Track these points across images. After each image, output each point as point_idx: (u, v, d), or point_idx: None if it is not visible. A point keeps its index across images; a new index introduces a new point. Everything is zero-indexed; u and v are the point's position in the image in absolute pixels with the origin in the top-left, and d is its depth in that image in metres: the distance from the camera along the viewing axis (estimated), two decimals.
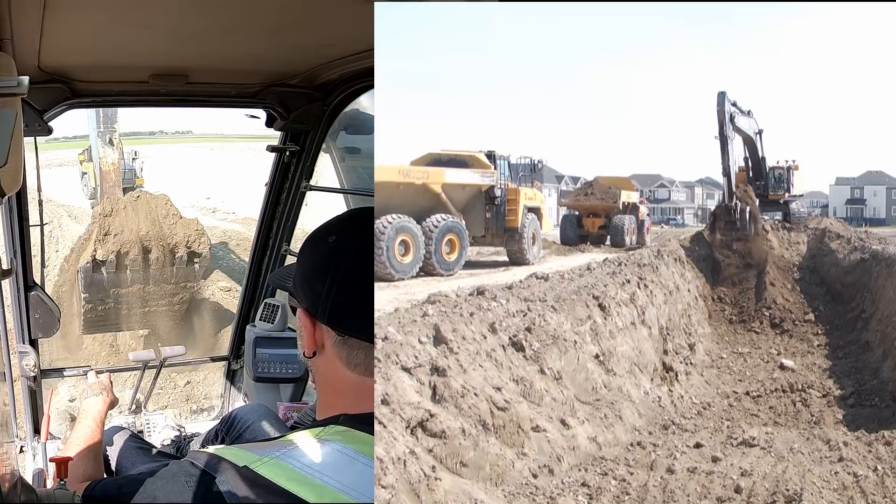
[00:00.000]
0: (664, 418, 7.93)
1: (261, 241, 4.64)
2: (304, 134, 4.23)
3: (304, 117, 4.08)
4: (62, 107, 3.63)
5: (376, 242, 12.79)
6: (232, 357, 4.94)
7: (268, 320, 4.55)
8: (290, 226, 4.59)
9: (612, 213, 22.30)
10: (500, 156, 17.44)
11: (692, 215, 66.45)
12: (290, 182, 4.41)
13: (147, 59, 3.30)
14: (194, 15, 2.67)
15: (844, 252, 14.65)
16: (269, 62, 3.50)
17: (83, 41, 2.97)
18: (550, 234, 22.35)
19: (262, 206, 4.62)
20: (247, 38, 2.99)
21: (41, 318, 4.11)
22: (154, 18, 2.66)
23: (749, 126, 18.88)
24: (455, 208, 15.57)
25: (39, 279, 4.26)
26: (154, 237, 12.65)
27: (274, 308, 4.55)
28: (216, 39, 3.02)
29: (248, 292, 4.79)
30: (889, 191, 65.70)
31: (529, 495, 5.07)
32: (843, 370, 10.79)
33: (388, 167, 14.85)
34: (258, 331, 4.53)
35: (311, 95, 3.97)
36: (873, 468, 5.93)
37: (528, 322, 6.82)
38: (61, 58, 3.21)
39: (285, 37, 3.00)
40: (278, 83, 3.85)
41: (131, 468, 2.93)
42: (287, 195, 4.46)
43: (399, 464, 4.12)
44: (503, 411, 5.48)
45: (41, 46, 2.88)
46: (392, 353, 5.05)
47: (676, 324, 11.27)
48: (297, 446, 1.63)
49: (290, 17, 2.70)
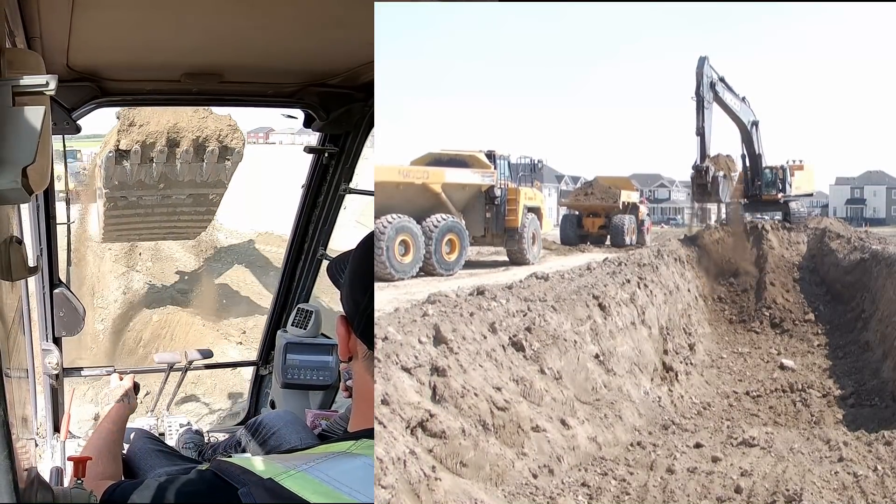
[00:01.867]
0: (664, 418, 7.93)
1: (296, 245, 4.55)
2: (343, 135, 4.15)
3: (344, 118, 3.98)
4: (91, 105, 3.60)
5: (376, 242, 12.79)
6: (261, 362, 4.86)
7: (300, 326, 4.46)
8: (328, 230, 4.50)
9: (612, 213, 22.29)
10: (500, 156, 17.43)
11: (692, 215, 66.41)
12: (328, 184, 4.32)
13: (179, 57, 3.24)
14: (228, 12, 2.61)
15: (844, 252, 14.65)
16: (308, 61, 3.42)
17: (112, 39, 2.93)
18: (550, 233, 22.34)
19: (298, 209, 4.52)
20: (284, 36, 2.91)
21: (65, 316, 4.11)
22: (186, 16, 2.61)
23: (740, 108, 19.11)
24: (455, 208, 15.56)
25: (65, 277, 4.25)
26: (183, 129, 11.79)
27: (307, 313, 4.46)
28: (252, 37, 2.94)
29: (281, 297, 4.70)
30: (889, 191, 65.67)
31: (529, 495, 5.07)
32: (843, 370, 10.79)
33: (388, 167, 14.84)
34: (289, 336, 4.45)
35: (352, 96, 3.87)
36: (873, 468, 5.93)
37: (528, 322, 6.82)
38: (90, 56, 3.18)
39: (325, 35, 2.92)
40: (317, 83, 3.75)
41: (149, 471, 2.91)
42: (325, 198, 4.37)
43: (399, 464, 4.12)
44: (503, 411, 5.48)
45: (70, 45, 2.85)
46: (392, 353, 5.04)
47: (676, 324, 11.27)
48: (326, 459, 1.58)
49: (329, 14, 2.64)
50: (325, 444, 1.70)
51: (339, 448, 1.61)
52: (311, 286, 4.67)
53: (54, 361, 4.11)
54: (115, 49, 3.09)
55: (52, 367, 4.12)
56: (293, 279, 4.65)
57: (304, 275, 4.61)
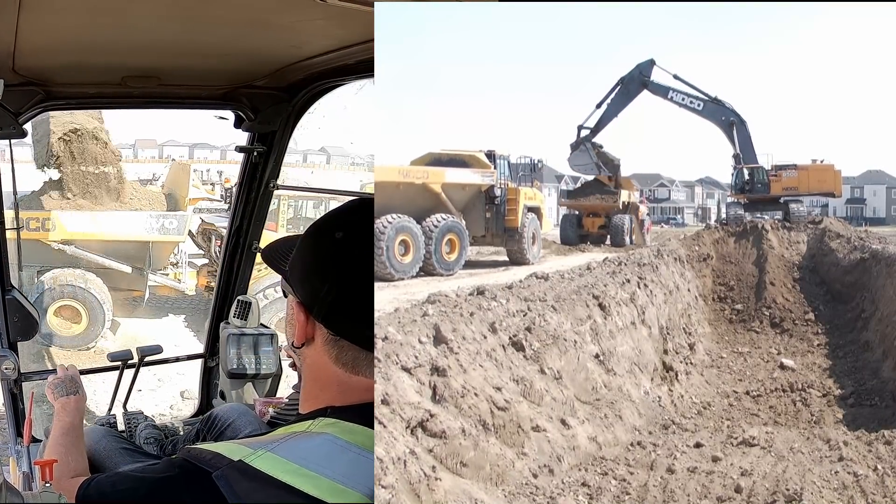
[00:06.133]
0: (664, 418, 7.94)
1: (231, 240, 4.70)
2: (270, 134, 4.28)
3: (271, 118, 4.13)
4: (37, 109, 3.63)
5: (376, 242, 12.79)
6: (207, 354, 4.98)
7: (241, 317, 4.61)
8: (260, 224, 4.67)
9: (612, 213, 22.29)
10: (500, 155, 17.44)
11: (692, 215, 66.45)
12: (258, 182, 4.47)
13: (121, 60, 3.32)
14: (165, 16, 2.68)
15: (844, 252, 14.65)
16: (237, 63, 3.54)
17: (58, 43, 2.97)
18: (550, 233, 22.35)
19: (232, 206, 4.71)
20: (214, 39, 3.00)
21: (20, 321, 4.10)
22: (127, 19, 2.67)
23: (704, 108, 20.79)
24: (455, 208, 15.57)
25: (17, 282, 4.26)
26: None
27: (246, 305, 4.61)
28: (186, 41, 3.03)
29: (221, 290, 4.83)
30: (889, 190, 65.71)
31: (529, 495, 5.07)
32: (843, 370, 10.80)
33: (388, 167, 14.87)
34: (231, 328, 4.60)
35: (278, 96, 4.01)
36: (873, 468, 5.93)
37: (528, 322, 6.82)
38: (36, 60, 3.21)
39: (251, 38, 3.03)
40: (245, 85, 3.89)
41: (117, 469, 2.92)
42: (255, 194, 4.52)
43: (399, 464, 4.12)
44: (503, 411, 5.48)
45: (16, 48, 2.88)
46: (392, 353, 5.05)
47: (676, 323, 11.28)
48: (288, 440, 1.62)
49: (255, 18, 2.72)
50: (282, 428, 1.73)
51: (297, 429, 1.65)
52: (248, 279, 4.85)
53: (12, 366, 4.10)
54: (60, 52, 3.13)
55: (10, 372, 4.10)
56: (231, 273, 4.78)
57: (241, 268, 4.75)
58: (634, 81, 21.33)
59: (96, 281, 14.37)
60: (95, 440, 3.20)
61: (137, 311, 16.01)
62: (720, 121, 20.77)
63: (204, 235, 15.74)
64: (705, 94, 21.00)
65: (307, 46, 3.23)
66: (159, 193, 17.22)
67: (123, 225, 15.10)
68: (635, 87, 21.40)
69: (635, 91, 21.44)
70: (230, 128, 4.31)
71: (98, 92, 3.81)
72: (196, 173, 18.21)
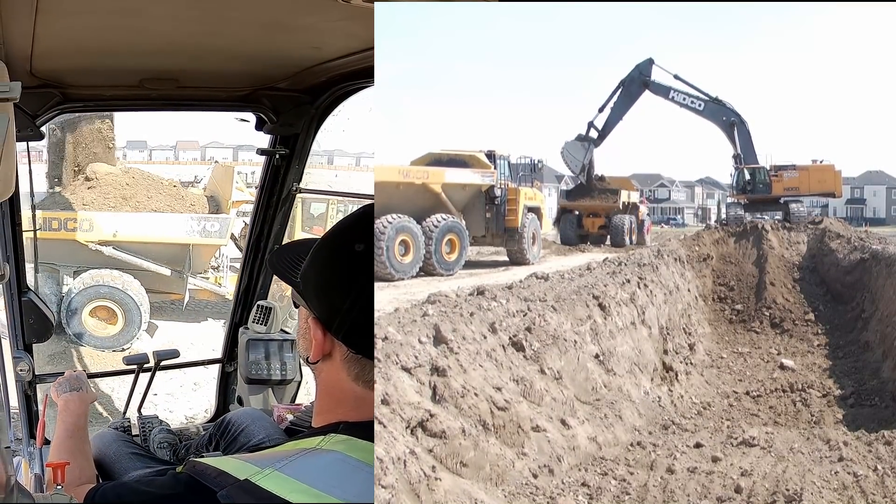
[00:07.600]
0: (664, 418, 7.93)
1: (252, 244, 4.64)
2: (293, 137, 4.23)
3: (293, 120, 4.08)
4: (54, 112, 3.62)
5: (376, 242, 12.80)
6: (225, 359, 4.94)
7: (260, 322, 4.55)
8: (282, 228, 4.61)
9: (612, 213, 22.30)
10: (500, 156, 17.45)
11: (692, 215, 66.41)
12: (280, 185, 4.42)
13: (138, 63, 3.30)
14: (183, 18, 2.66)
15: (844, 252, 14.65)
16: (258, 66, 3.50)
17: (75, 45, 2.96)
18: (550, 233, 22.35)
19: (254, 209, 4.64)
20: (234, 41, 2.97)
21: (35, 323, 4.11)
22: (144, 21, 2.65)
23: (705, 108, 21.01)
24: (455, 208, 15.57)
25: (33, 284, 4.26)
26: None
27: (266, 310, 4.55)
28: (205, 43, 3.00)
29: (241, 294, 4.78)
30: (889, 191, 65.66)
31: (529, 495, 5.07)
32: (843, 370, 10.80)
33: (388, 167, 14.86)
34: (251, 333, 4.54)
35: (300, 98, 3.96)
36: (873, 468, 5.92)
37: (528, 322, 6.81)
38: (53, 62, 3.20)
39: (272, 40, 2.99)
40: (267, 87, 3.83)
41: (125, 475, 2.91)
42: (278, 198, 4.46)
43: (399, 464, 4.12)
44: (503, 411, 5.48)
45: (33, 51, 2.87)
46: (392, 353, 5.05)
47: (676, 324, 11.28)
48: (297, 457, 1.58)
49: (276, 20, 2.70)
50: (293, 441, 1.69)
51: (307, 445, 1.60)
52: (269, 284, 4.79)
53: (26, 368, 4.11)
54: (77, 55, 3.11)
55: (25, 373, 4.11)
56: (251, 277, 4.73)
57: (262, 273, 4.70)
58: (635, 82, 21.34)
59: (133, 283, 14.25)
60: (105, 444, 3.18)
61: (176, 314, 15.89)
62: (721, 121, 20.76)
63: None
64: (706, 95, 20.98)
65: (329, 48, 3.17)
66: (201, 195, 17.01)
67: (163, 227, 14.89)
68: (637, 88, 21.39)
69: (637, 92, 21.41)
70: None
71: (115, 94, 3.78)
72: (240, 175, 17.72)
